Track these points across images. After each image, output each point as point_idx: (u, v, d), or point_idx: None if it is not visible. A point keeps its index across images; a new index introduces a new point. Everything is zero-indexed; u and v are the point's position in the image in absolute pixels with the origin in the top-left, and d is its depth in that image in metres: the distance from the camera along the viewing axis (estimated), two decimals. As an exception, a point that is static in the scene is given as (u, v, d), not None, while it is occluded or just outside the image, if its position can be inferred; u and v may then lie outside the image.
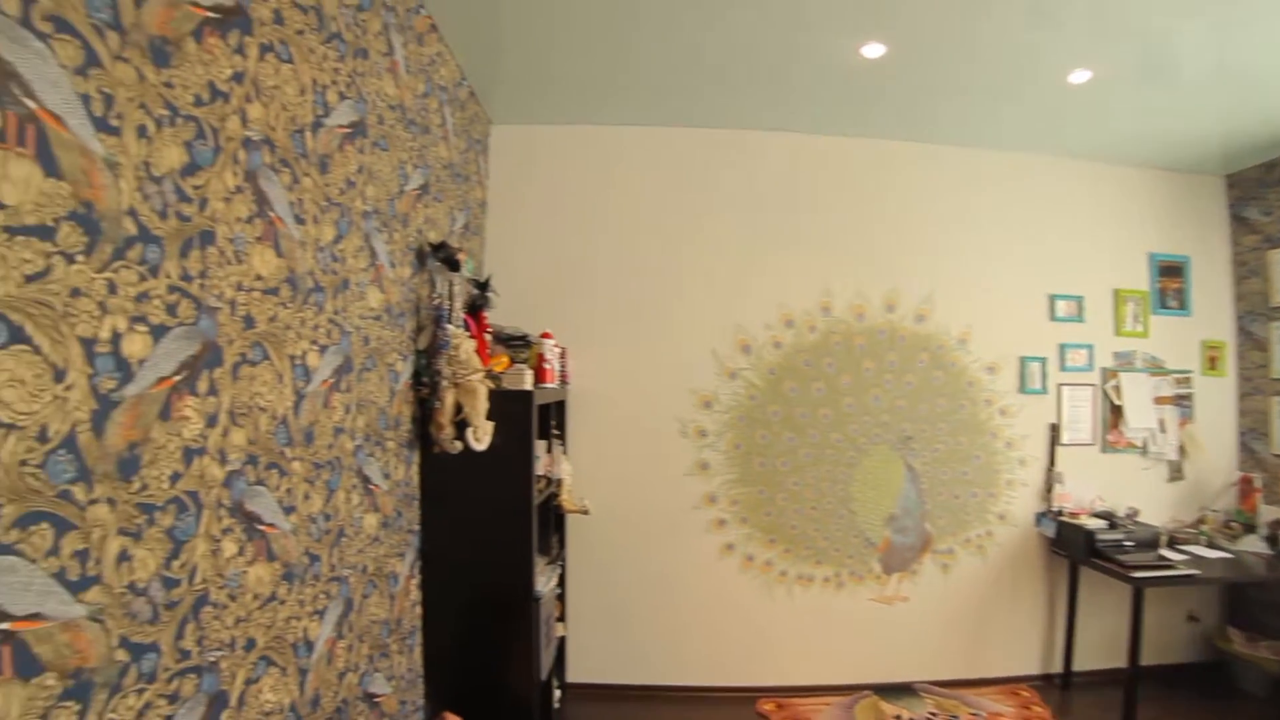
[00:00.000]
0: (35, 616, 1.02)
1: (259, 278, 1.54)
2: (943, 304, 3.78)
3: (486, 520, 2.44)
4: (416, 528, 2.49)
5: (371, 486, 2.10)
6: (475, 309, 2.56)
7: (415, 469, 2.47)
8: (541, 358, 2.72)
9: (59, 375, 1.06)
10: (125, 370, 1.18)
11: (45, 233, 1.04)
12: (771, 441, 3.73)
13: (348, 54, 1.91)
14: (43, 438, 1.03)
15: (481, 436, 2.26)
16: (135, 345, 1.20)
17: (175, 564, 1.28)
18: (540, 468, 2.55)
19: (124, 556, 1.16)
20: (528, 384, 2.50)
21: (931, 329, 3.82)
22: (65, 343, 1.07)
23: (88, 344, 1.11)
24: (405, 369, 2.36)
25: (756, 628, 3.68)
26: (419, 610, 2.51)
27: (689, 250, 3.67)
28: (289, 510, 1.67)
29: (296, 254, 1.69)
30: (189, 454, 1.32)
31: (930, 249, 3.78)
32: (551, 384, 2.78)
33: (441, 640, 2.52)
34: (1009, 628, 3.80)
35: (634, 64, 2.90)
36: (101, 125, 1.12)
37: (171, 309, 1.28)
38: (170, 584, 1.27)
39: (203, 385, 1.36)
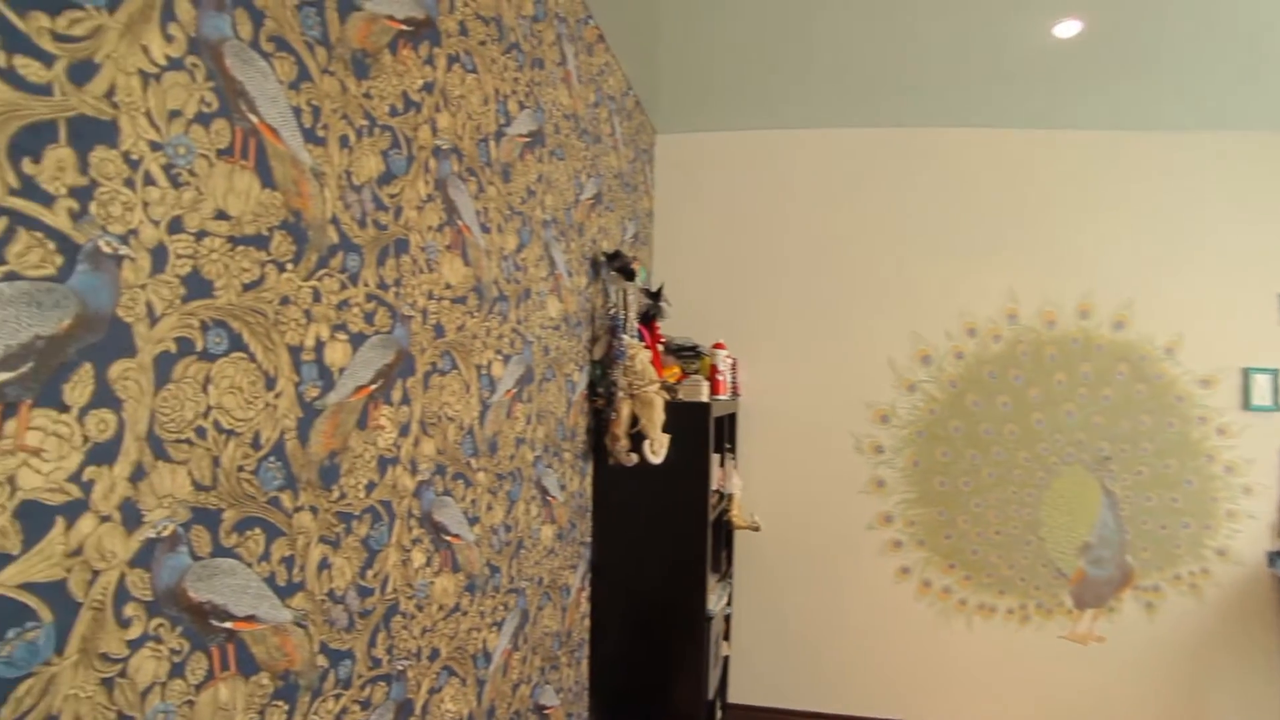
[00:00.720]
0: (251, 618, 1.03)
1: (448, 286, 1.52)
2: (1145, 309, 3.31)
3: (658, 535, 2.36)
4: (588, 540, 2.45)
5: (549, 498, 2.07)
6: (648, 319, 2.49)
7: (589, 481, 2.44)
8: (714, 369, 2.60)
9: (270, 383, 1.06)
10: (327, 378, 1.17)
11: (261, 242, 1.05)
12: (953, 459, 3.41)
13: (525, 64, 1.90)
14: (256, 444, 1.03)
15: (658, 450, 2.17)
16: (336, 353, 1.19)
17: (369, 573, 1.26)
18: (713, 482, 2.42)
19: (324, 564, 1.15)
20: (704, 396, 2.39)
21: (1132, 337, 3.35)
22: (275, 350, 1.07)
23: (294, 351, 1.11)
24: (581, 380, 2.33)
25: (931, 659, 3.36)
26: (588, 623, 2.46)
27: (862, 256, 3.44)
28: (473, 521, 1.64)
29: (483, 263, 1.67)
30: (383, 463, 1.31)
31: (1130, 248, 3.32)
32: (724, 396, 2.65)
33: (608, 654, 2.47)
34: (1234, 687, 3.23)
35: (801, 66, 2.75)
36: (310, 136, 1.12)
37: (369, 317, 1.27)
38: (364, 593, 1.25)
39: (396, 394, 1.35)
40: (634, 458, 2.22)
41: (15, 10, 0.69)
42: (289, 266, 1.10)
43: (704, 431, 2.36)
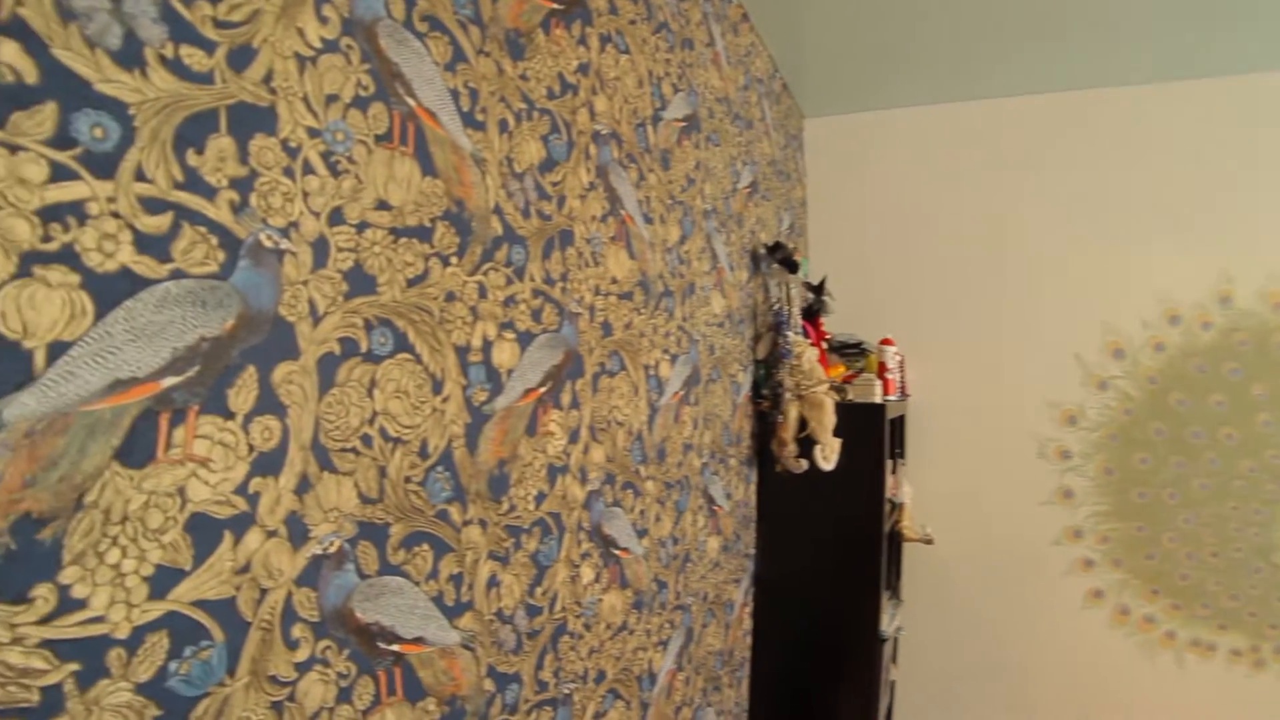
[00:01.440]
0: (419, 640, 0.95)
1: (614, 281, 1.40)
2: None
3: (827, 547, 2.15)
4: (752, 552, 2.28)
5: (715, 507, 1.92)
6: (811, 315, 2.27)
7: (754, 489, 2.26)
8: (883, 367, 2.35)
9: (437, 386, 0.97)
10: (495, 380, 1.07)
11: (424, 234, 0.95)
12: (1154, 467, 2.95)
13: (675, 44, 1.75)
14: (423, 453, 0.92)
15: (830, 455, 1.96)
16: (504, 353, 1.09)
17: (538, 591, 1.15)
18: (886, 490, 2.18)
19: (493, 582, 1.04)
20: (876, 396, 2.14)
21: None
22: (442, 351, 0.97)
23: (461, 352, 1.01)
24: (746, 381, 2.17)
25: (1128, 699, 2.90)
26: (749, 641, 2.27)
27: (1042, 238, 3.04)
28: (641, 533, 1.51)
29: (647, 255, 1.54)
30: (552, 472, 1.19)
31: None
32: (894, 396, 2.39)
33: (770, 674, 2.28)
34: None
35: (966, 26, 2.42)
36: (469, 120, 1.01)
37: (536, 314, 1.17)
38: (533, 612, 1.14)
39: (565, 397, 1.23)
40: (803, 464, 2.02)
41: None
42: (453, 260, 1.00)
43: (877, 435, 2.13)
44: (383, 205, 0.89)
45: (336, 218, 0.82)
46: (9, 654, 0.52)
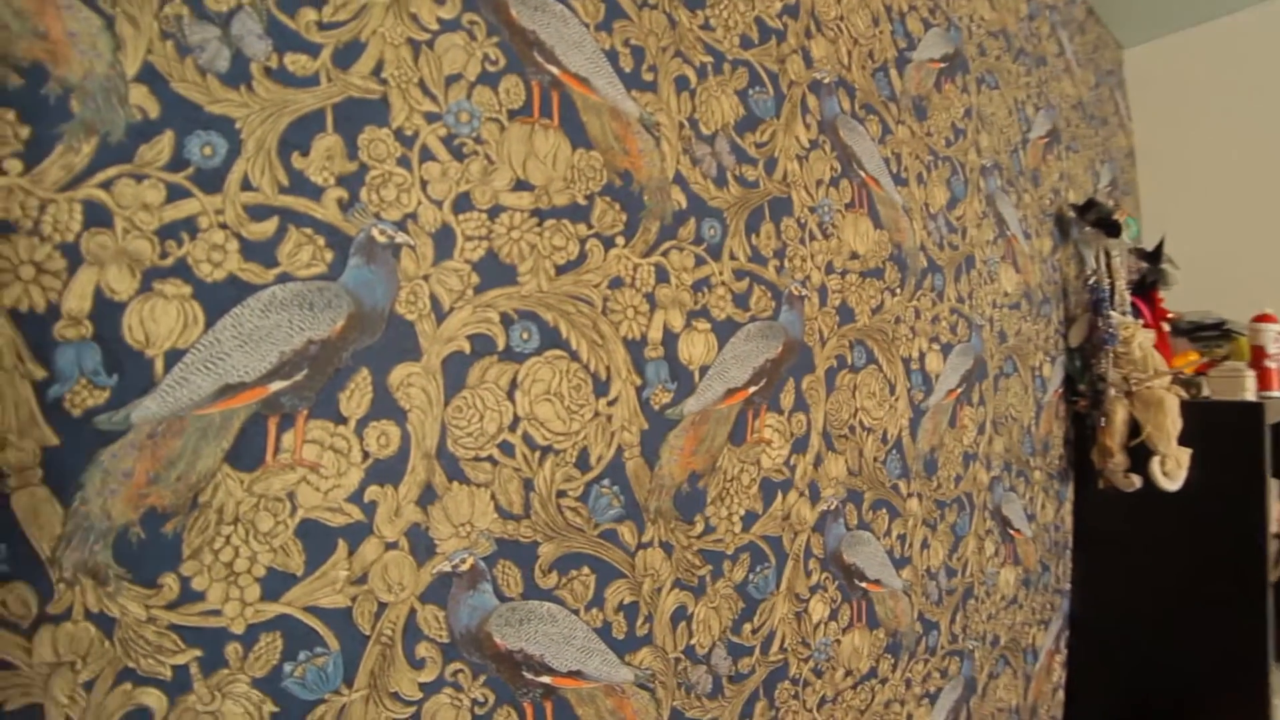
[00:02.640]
0: (576, 674, 0.73)
1: (854, 256, 1.06)
2: None
3: (1174, 592, 1.46)
4: (1066, 587, 1.65)
5: (1011, 532, 1.40)
6: (1145, 288, 1.57)
7: (1068, 509, 1.64)
8: (1259, 353, 1.54)
9: (601, 387, 0.75)
10: (684, 379, 0.77)
11: (576, 212, 0.71)
12: None
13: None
14: (582, 464, 0.68)
15: (1172, 470, 1.31)
16: (695, 347, 0.79)
17: (746, 627, 0.83)
18: (1272, 522, 1.39)
19: (680, 615, 0.75)
20: (1249, 391, 1.39)
21: None
22: (606, 346, 0.74)
23: (634, 346, 0.76)
24: (1054, 375, 1.59)
25: None
26: (1060, 697, 1.62)
27: None
28: (901, 563, 1.08)
29: (900, 223, 1.16)
30: (769, 488, 0.87)
31: None
32: (1277, 392, 1.55)
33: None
34: None
35: None
36: (632, 82, 0.75)
37: (740, 300, 0.84)
38: (738, 652, 0.81)
39: (786, 400, 0.91)
40: (1136, 481, 1.38)
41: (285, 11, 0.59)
42: (619, 241, 0.75)
43: (1253, 445, 1.37)
44: (522, 185, 0.69)
45: (463, 203, 0.66)
46: (146, 630, 0.51)
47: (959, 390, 1.22)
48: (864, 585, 1.01)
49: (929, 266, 1.18)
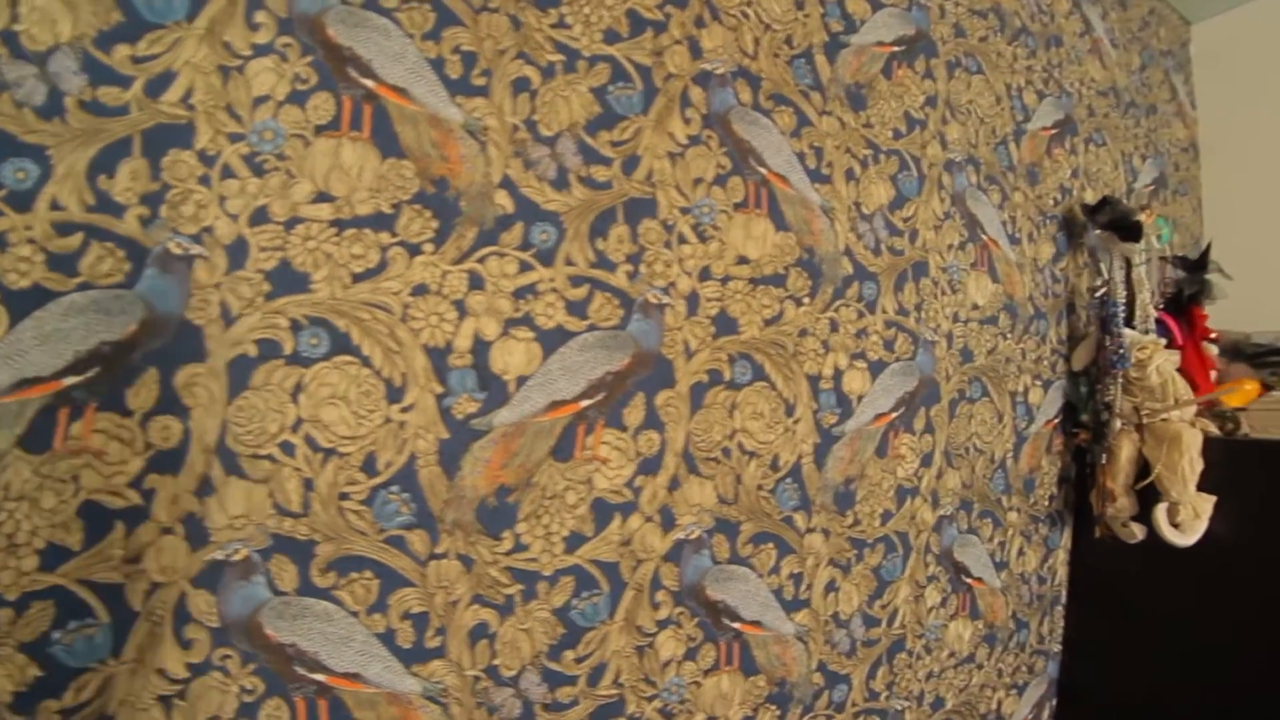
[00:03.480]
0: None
1: (742, 260, 1.13)
2: None
3: (1190, 661, 1.43)
4: (1054, 650, 1.65)
5: (968, 580, 1.40)
6: (1183, 303, 1.53)
7: (1059, 558, 1.65)
8: None
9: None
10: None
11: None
12: None
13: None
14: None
15: (1187, 520, 1.29)
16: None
17: (568, 656, 0.96)
18: None
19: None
20: (1297, 429, 1.35)
21: None
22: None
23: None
24: (1048, 401, 1.61)
25: None
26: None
27: None
28: (795, 606, 1.16)
29: (815, 225, 1.24)
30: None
31: None
32: None
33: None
34: None
35: None
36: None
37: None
38: (557, 680, 0.95)
39: (635, 416, 1.04)
40: (1136, 531, 1.36)
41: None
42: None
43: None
44: (323, 197, 0.86)
45: (260, 216, 0.83)
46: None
47: (893, 415, 1.27)
48: (736, 626, 1.09)
49: (856, 273, 1.25)
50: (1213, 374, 1.59)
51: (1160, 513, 1.35)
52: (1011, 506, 1.49)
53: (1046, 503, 1.57)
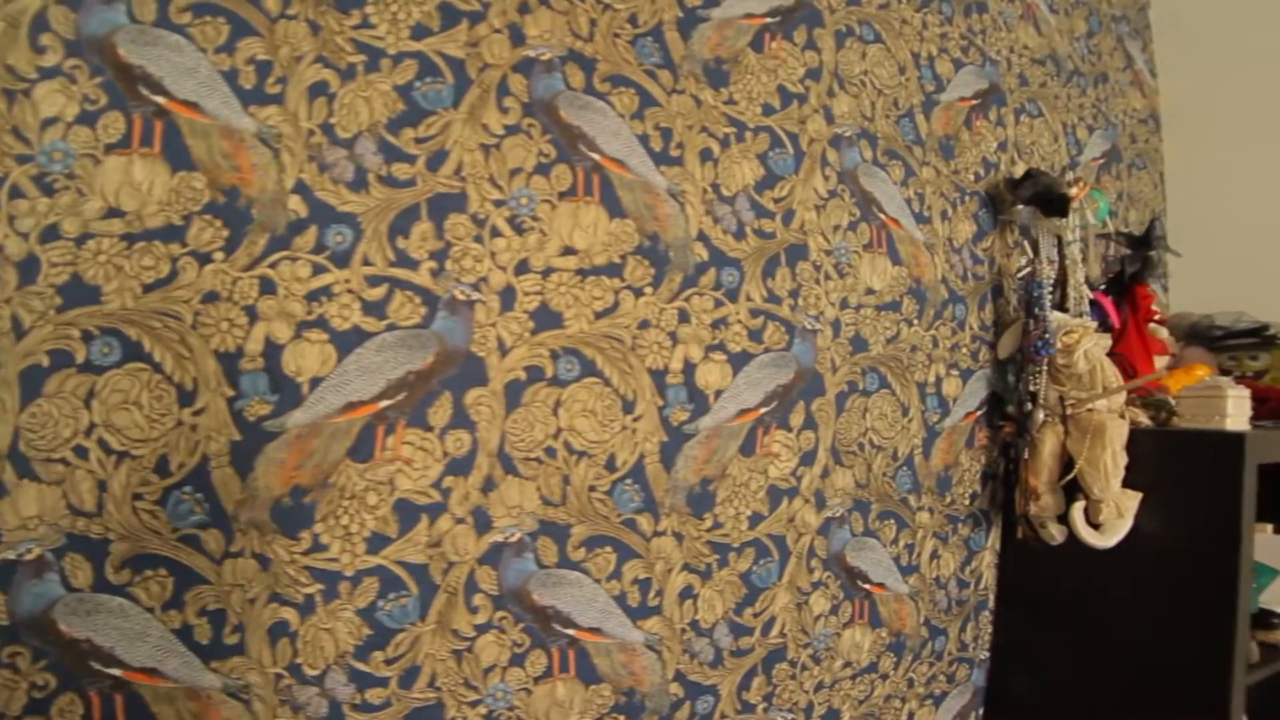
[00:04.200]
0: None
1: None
2: None
3: (1125, 665, 1.53)
4: (982, 657, 1.77)
5: (864, 585, 1.49)
6: (1126, 282, 1.57)
7: (985, 560, 1.76)
8: None
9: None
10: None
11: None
12: None
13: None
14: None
15: (1108, 519, 1.34)
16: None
17: (377, 657, 1.13)
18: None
19: (279, 631, 1.02)
20: (1230, 418, 1.37)
21: None
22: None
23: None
24: (969, 394, 1.71)
25: None
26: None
27: None
28: (642, 613, 1.30)
29: (661, 210, 1.35)
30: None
31: None
32: None
33: None
34: None
35: None
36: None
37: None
38: (367, 681, 1.12)
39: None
40: (1054, 533, 1.42)
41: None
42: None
43: (1230, 488, 1.36)
44: (113, 212, 1.02)
45: (50, 234, 0.99)
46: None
47: (761, 410, 1.37)
48: (571, 632, 1.22)
49: (712, 259, 1.38)
50: (1166, 359, 1.62)
51: (1076, 512, 1.42)
52: (922, 506, 1.60)
53: (967, 502, 1.67)
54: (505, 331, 1.21)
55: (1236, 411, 1.50)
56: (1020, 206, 1.58)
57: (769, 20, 1.44)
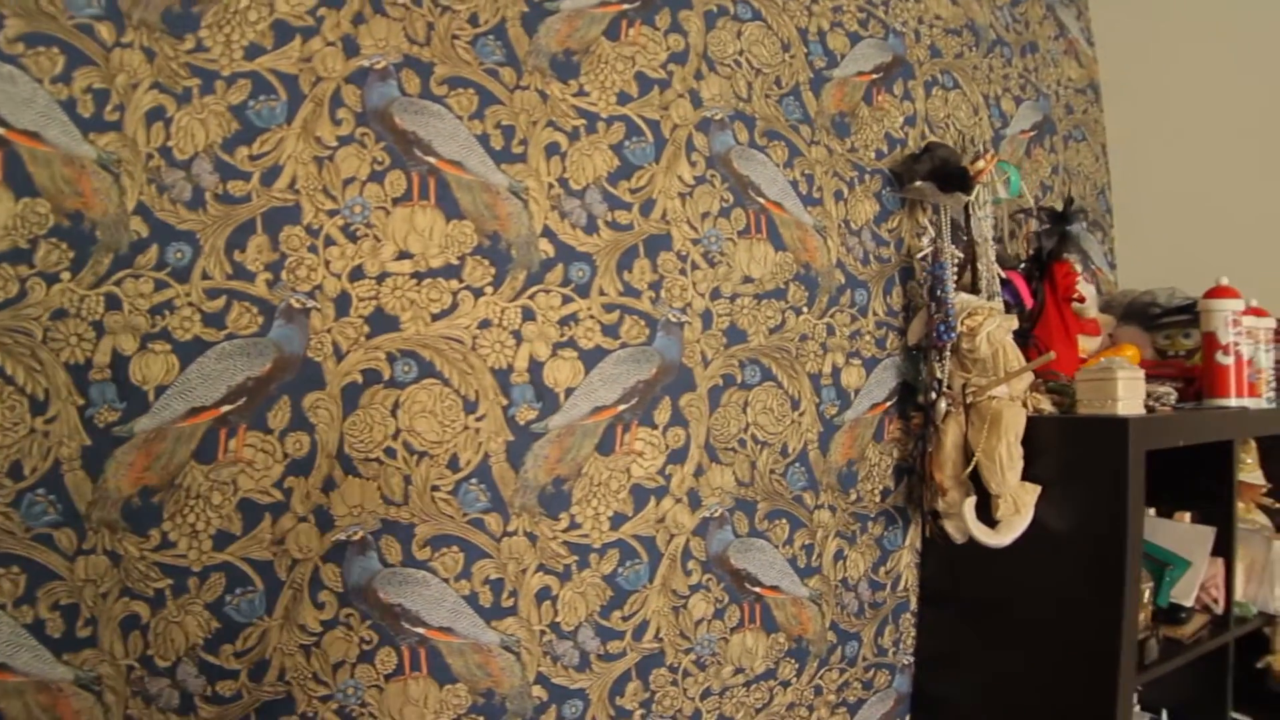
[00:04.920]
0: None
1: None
2: None
3: (1064, 658, 1.62)
4: (904, 661, 1.93)
5: (753, 587, 1.65)
6: (1045, 260, 1.66)
7: (903, 559, 1.92)
8: (1212, 343, 1.54)
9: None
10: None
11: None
12: None
13: None
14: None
15: (1005, 514, 1.45)
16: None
17: (226, 650, 1.37)
18: (1195, 586, 1.45)
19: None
20: (1121, 402, 1.46)
21: None
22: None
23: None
24: (875, 385, 1.87)
25: None
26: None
27: None
28: (501, 616, 1.51)
29: (503, 206, 1.56)
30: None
31: None
32: (1238, 398, 1.54)
33: None
34: None
35: None
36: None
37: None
38: (216, 674, 1.35)
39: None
40: (955, 531, 1.54)
41: None
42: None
43: (1116, 476, 1.43)
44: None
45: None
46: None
47: (619, 408, 1.54)
48: (420, 631, 1.44)
49: (559, 255, 1.62)
50: (1099, 340, 1.69)
51: (967, 508, 1.53)
52: (820, 505, 1.75)
53: (878, 499, 1.80)
54: (340, 336, 1.45)
55: (1128, 395, 1.58)
56: (919, 183, 1.69)
57: (627, 7, 1.67)
